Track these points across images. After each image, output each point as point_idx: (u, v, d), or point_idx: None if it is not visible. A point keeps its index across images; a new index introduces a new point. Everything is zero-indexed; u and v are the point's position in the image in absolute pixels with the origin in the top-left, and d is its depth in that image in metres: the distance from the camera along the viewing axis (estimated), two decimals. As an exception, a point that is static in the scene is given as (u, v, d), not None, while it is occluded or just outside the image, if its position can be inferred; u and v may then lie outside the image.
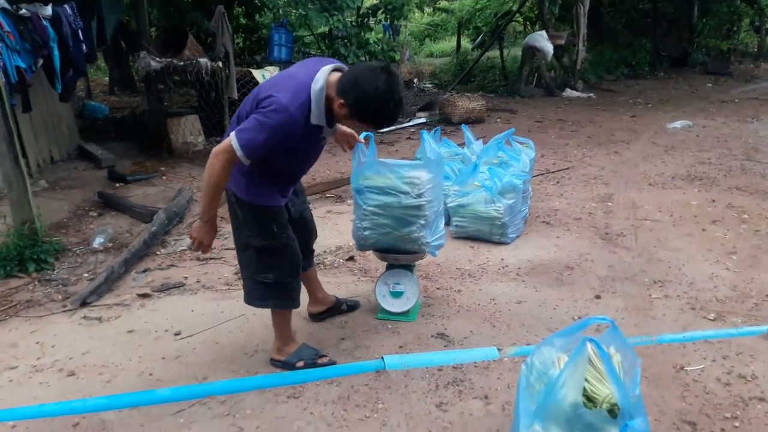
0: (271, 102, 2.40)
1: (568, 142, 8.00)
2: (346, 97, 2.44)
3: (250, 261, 2.85)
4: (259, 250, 2.79)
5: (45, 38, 5.53)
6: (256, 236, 2.77)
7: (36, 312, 3.66)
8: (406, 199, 3.16)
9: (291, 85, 2.47)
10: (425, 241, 3.24)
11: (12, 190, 4.27)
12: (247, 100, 2.60)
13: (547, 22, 13.54)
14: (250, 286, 2.91)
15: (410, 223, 3.20)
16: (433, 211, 3.25)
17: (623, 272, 3.98)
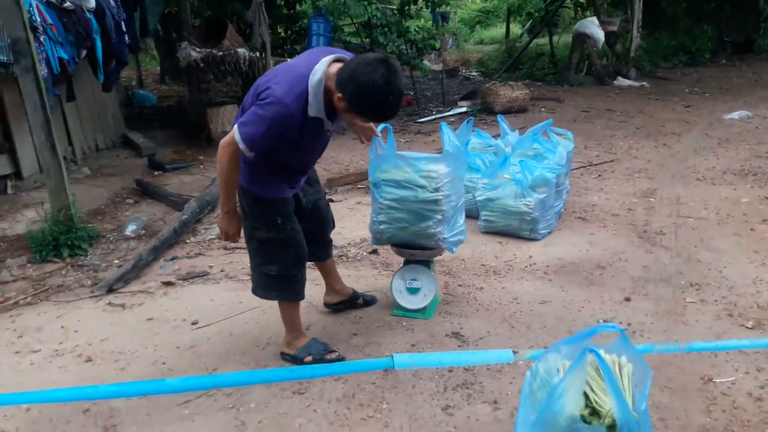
0: (267, 95, 2.37)
1: (615, 134, 7.70)
2: (343, 91, 2.38)
3: (255, 252, 2.84)
4: (263, 242, 2.77)
5: (88, 30, 5.69)
6: (261, 228, 2.75)
7: (65, 297, 3.76)
8: (423, 193, 3.08)
9: (288, 77, 2.42)
10: (442, 237, 3.15)
11: (49, 177, 4.40)
12: (250, 91, 2.57)
13: (599, 7, 13.05)
14: (256, 277, 2.91)
15: (427, 218, 3.12)
16: (451, 206, 3.15)
17: (658, 273, 3.79)
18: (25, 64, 4.13)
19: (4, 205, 5.26)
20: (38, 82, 4.18)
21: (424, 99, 10.70)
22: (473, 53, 19.77)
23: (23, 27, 4.07)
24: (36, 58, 4.17)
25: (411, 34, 8.40)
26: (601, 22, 12.17)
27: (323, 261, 3.30)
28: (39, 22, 4.74)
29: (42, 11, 4.84)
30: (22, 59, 4.12)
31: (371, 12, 7.71)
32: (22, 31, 4.08)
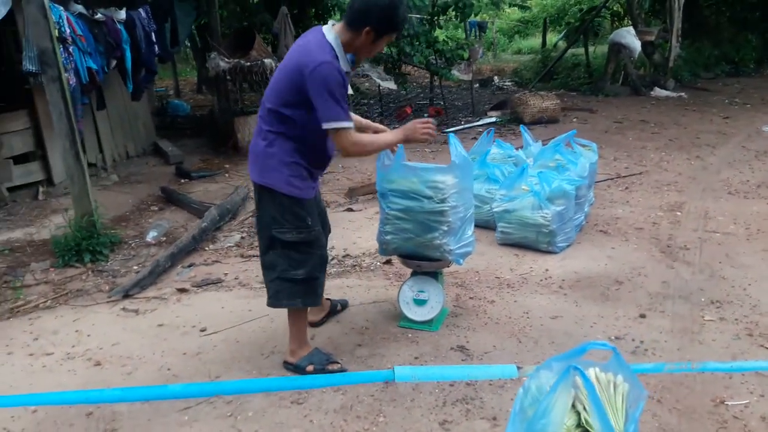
0: (312, 69, 2.47)
1: (646, 145, 7.51)
2: (368, 22, 2.55)
3: (277, 260, 2.80)
4: (291, 246, 2.76)
5: (118, 40, 5.85)
6: (291, 230, 2.74)
7: (83, 301, 3.85)
8: (429, 203, 3.05)
9: (309, 48, 2.56)
10: (448, 248, 3.11)
11: (73, 184, 4.52)
12: (276, 88, 2.64)
13: (636, 17, 12.81)
14: (276, 287, 2.85)
15: (433, 229, 3.08)
16: (458, 218, 3.10)
17: (678, 289, 3.66)
18: (52, 74, 4.27)
19: (34, 211, 5.43)
20: (63, 91, 4.31)
21: (453, 109, 10.65)
22: (509, 63, 19.64)
23: (50, 38, 4.20)
24: (62, 69, 4.30)
25: (439, 44, 8.37)
26: (638, 32, 11.94)
27: None
28: (68, 33, 4.88)
29: (72, 22, 4.99)
30: (48, 69, 4.26)
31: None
32: (49, 42, 4.21)
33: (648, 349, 3.00)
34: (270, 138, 2.67)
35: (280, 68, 2.69)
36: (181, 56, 17.07)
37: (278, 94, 2.63)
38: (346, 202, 5.70)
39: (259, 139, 2.73)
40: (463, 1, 8.42)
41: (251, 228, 5.09)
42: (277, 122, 2.65)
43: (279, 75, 2.68)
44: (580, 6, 17.94)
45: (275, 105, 2.63)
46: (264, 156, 2.70)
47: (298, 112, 2.60)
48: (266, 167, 2.70)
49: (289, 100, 2.59)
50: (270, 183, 2.69)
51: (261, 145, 2.71)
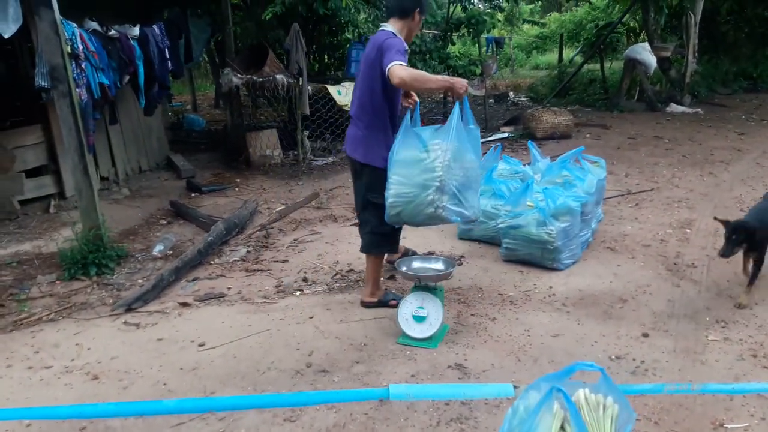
0: (384, 40, 3.23)
1: (659, 161, 7.43)
2: (418, 7, 3.42)
3: (370, 217, 3.58)
4: (378, 207, 3.44)
5: (131, 57, 5.95)
6: (380, 195, 3.39)
7: (86, 314, 3.87)
8: (424, 163, 3.22)
9: (378, 35, 3.34)
10: (441, 205, 3.19)
11: (81, 198, 4.57)
12: (363, 77, 3.42)
13: (652, 33, 12.75)
14: (368, 239, 3.65)
15: (427, 187, 3.20)
16: (453, 177, 3.20)
17: (683, 308, 3.60)
18: (62, 89, 4.33)
19: (44, 224, 5.50)
20: (74, 107, 4.38)
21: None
22: (526, 78, 19.64)
23: (61, 54, 4.28)
24: (72, 85, 4.37)
25: (452, 60, 8.39)
26: (654, 48, 11.87)
27: None
28: (81, 50, 4.98)
29: (85, 39, 5.09)
30: (59, 85, 4.33)
31: (409, 38, 7.76)
32: (60, 58, 4.29)
33: (648, 369, 2.94)
34: (364, 126, 3.49)
35: (363, 64, 3.45)
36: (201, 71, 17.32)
37: (368, 83, 3.38)
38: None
39: (356, 127, 3.56)
40: (476, 18, 8.44)
41: (258, 242, 5.11)
42: (369, 112, 3.46)
43: (363, 69, 3.44)
44: (597, 22, 17.91)
45: (364, 98, 3.44)
46: (366, 139, 3.50)
47: (381, 99, 3.40)
48: (368, 149, 3.49)
49: (371, 82, 3.35)
50: (361, 158, 3.51)
51: (360, 131, 3.53)
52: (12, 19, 4.11)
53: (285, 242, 5.08)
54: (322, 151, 8.02)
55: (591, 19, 20.79)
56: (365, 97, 3.45)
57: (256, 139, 7.46)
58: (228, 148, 8.06)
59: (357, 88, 3.56)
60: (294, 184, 6.82)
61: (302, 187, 6.71)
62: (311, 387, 2.90)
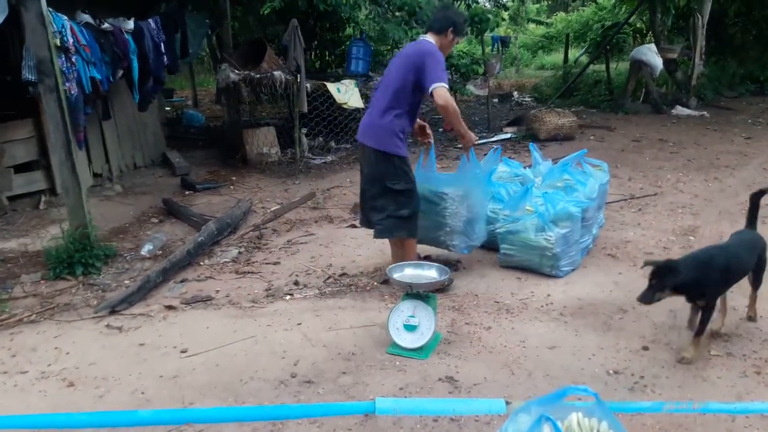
0: (430, 51, 3.62)
1: (663, 165, 7.28)
2: (453, 26, 3.78)
3: (389, 203, 3.76)
4: (397, 192, 3.72)
5: (125, 51, 5.81)
6: (399, 181, 3.72)
7: (68, 316, 3.75)
8: (436, 207, 3.96)
9: (424, 43, 3.72)
10: (453, 243, 4.03)
11: (68, 195, 4.46)
12: (398, 72, 3.71)
13: (658, 34, 12.57)
14: (386, 223, 3.80)
15: (440, 227, 3.99)
16: (461, 221, 3.99)
17: (685, 320, 3.45)
18: (49, 83, 4.22)
19: (33, 221, 5.38)
20: (60, 102, 4.26)
21: (469, 124, 10.47)
22: (531, 78, 19.47)
23: (48, 47, 4.16)
24: (59, 79, 4.25)
25: (454, 59, 8.25)
26: (660, 50, 11.70)
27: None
28: (71, 43, 4.84)
29: (76, 32, 4.95)
30: (45, 79, 4.21)
31: (412, 36, 7.61)
32: (47, 51, 4.17)
33: (647, 386, 2.81)
34: (393, 116, 3.70)
35: (401, 58, 3.79)
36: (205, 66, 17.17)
37: (399, 77, 3.67)
38: (350, 218, 5.57)
39: (380, 116, 3.73)
40: (479, 17, 8.29)
41: (250, 243, 4.99)
42: (402, 104, 3.69)
43: (399, 62, 3.75)
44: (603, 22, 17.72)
45: (396, 86, 3.67)
46: (380, 127, 3.72)
47: (409, 94, 3.68)
48: (382, 136, 3.70)
49: (408, 78, 3.63)
50: (384, 148, 3.69)
51: (378, 119, 3.73)
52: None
53: (278, 243, 4.96)
54: (320, 150, 7.89)
55: (598, 19, 20.58)
56: (400, 91, 3.69)
57: (253, 136, 7.33)
58: (225, 145, 7.94)
59: (389, 80, 3.76)
60: (290, 183, 6.69)
61: (299, 186, 6.58)
62: (294, 399, 2.77)
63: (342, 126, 7.59)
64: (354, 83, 7.26)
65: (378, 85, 4.10)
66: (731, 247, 3.25)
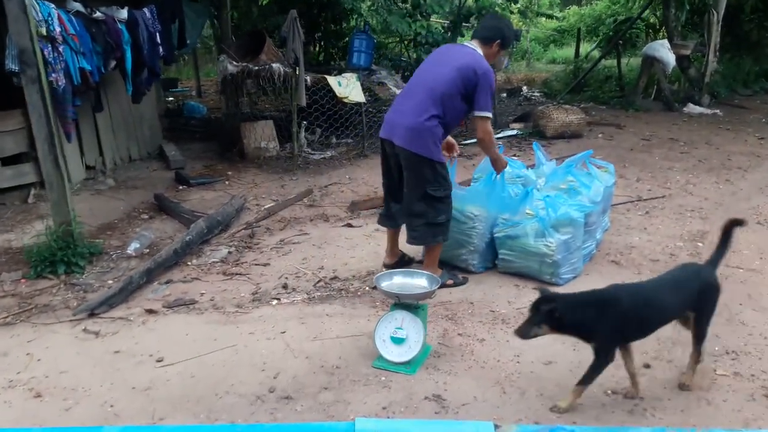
0: (484, 71, 3.53)
1: (674, 166, 7.04)
2: (501, 37, 3.67)
3: (428, 210, 3.66)
4: (437, 199, 3.64)
5: (118, 41, 5.63)
6: (439, 188, 3.64)
7: (46, 318, 3.61)
8: (462, 226, 3.97)
9: (477, 57, 3.61)
10: (473, 263, 4.04)
11: (52, 190, 4.31)
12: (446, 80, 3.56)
13: (672, 30, 12.27)
14: (423, 231, 3.71)
15: (462, 245, 4.01)
16: (483, 241, 4.03)
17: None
18: (31, 74, 4.06)
19: (19, 215, 5.24)
20: (43, 93, 4.10)
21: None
22: (542, 72, 19.16)
23: (29, 36, 3.99)
24: (42, 69, 4.09)
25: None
26: (673, 46, 11.39)
27: (399, 227, 4.06)
28: (59, 32, 4.68)
29: (64, 20, 4.78)
30: (28, 69, 4.05)
31: (416, 29, 7.40)
32: (29, 41, 4.00)
33: (647, 409, 2.63)
34: (437, 121, 3.57)
35: (448, 62, 3.61)
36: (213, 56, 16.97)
37: (450, 85, 3.53)
38: (346, 217, 5.39)
39: (415, 116, 3.57)
40: (486, 9, 8.05)
41: (241, 242, 4.83)
42: (441, 107, 3.55)
43: (447, 67, 3.58)
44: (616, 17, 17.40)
45: (444, 90, 3.54)
46: (424, 131, 3.56)
47: (456, 104, 3.59)
48: (426, 141, 3.56)
49: (456, 91, 3.53)
50: (425, 153, 3.56)
51: (421, 121, 3.55)
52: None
53: (270, 243, 4.79)
54: (320, 145, 7.70)
55: (611, 13, 20.23)
56: (447, 98, 3.55)
57: (251, 130, 7.15)
58: (223, 138, 7.77)
59: (432, 81, 3.61)
60: (288, 179, 6.52)
61: (296, 182, 6.41)
62: (270, 417, 2.61)
63: (343, 121, 7.39)
64: (356, 77, 7.06)
65: (412, 83, 3.85)
66: (649, 286, 2.82)
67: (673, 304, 2.69)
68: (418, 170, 3.61)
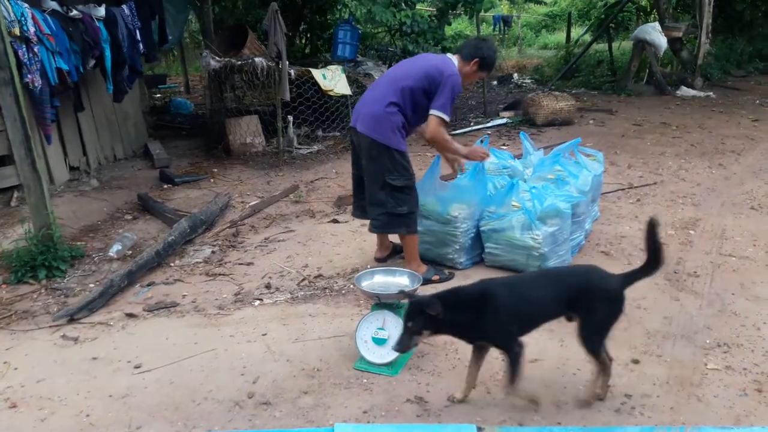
0: (449, 75, 3.54)
1: (666, 151, 6.98)
2: (478, 57, 3.66)
3: (387, 198, 3.64)
4: (397, 189, 3.62)
5: (96, 39, 5.55)
6: (399, 177, 3.61)
7: (25, 325, 3.54)
8: (446, 226, 3.93)
9: (446, 62, 3.65)
10: (459, 260, 4.00)
11: (30, 194, 4.22)
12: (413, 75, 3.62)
13: (663, 12, 12.17)
14: (384, 220, 3.72)
15: (447, 245, 3.97)
16: (469, 237, 3.99)
17: (681, 327, 3.21)
18: (4, 76, 3.95)
19: (0, 219, 5.15)
20: (17, 96, 4.00)
21: (465, 108, 10.18)
22: (533, 58, 19.02)
23: (1, 37, 3.89)
24: (14, 71, 3.99)
25: (446, 41, 7.91)
26: (665, 28, 11.31)
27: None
28: (33, 32, 4.58)
29: (39, 20, 4.69)
30: (0, 72, 3.95)
31: (401, 18, 7.29)
32: (0, 42, 3.90)
33: (636, 407, 2.56)
34: (396, 110, 3.58)
35: (420, 63, 3.71)
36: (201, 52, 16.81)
37: (414, 80, 3.58)
38: (332, 212, 5.32)
39: (377, 105, 3.61)
40: (473, -5, 7.93)
41: (225, 241, 4.76)
42: (402, 99, 3.58)
43: (420, 64, 3.68)
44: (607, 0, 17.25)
45: (409, 84, 3.57)
46: (383, 119, 3.58)
47: (417, 99, 3.59)
48: (384, 129, 3.57)
49: (419, 86, 3.56)
50: (384, 141, 3.57)
51: (381, 110, 3.58)
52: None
53: (254, 241, 4.72)
54: (306, 139, 7.60)
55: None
56: (415, 91, 3.59)
57: (236, 126, 7.06)
58: (208, 135, 7.67)
59: (401, 75, 3.68)
60: (274, 175, 6.43)
61: (282, 178, 6.33)
62: (248, 424, 2.55)
63: (329, 114, 7.30)
64: (341, 69, 6.96)
65: (383, 76, 3.96)
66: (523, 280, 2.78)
67: (548, 301, 2.53)
68: (377, 157, 3.61)
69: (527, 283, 2.69)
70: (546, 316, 2.61)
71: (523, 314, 2.50)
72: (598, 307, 2.48)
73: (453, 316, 2.40)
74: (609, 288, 2.52)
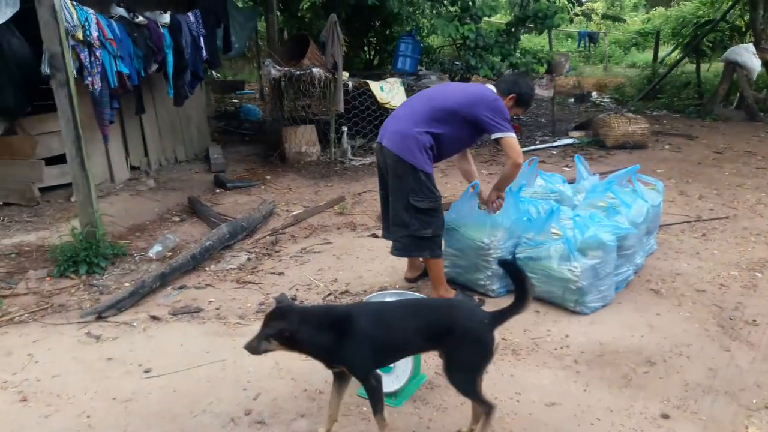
0: (493, 100, 3.47)
1: (745, 183, 6.45)
2: (514, 91, 3.58)
3: (411, 220, 3.53)
4: (423, 211, 3.51)
5: (160, 45, 5.72)
6: (424, 199, 3.49)
7: (57, 318, 3.64)
8: (481, 250, 3.75)
9: (489, 90, 3.57)
10: (492, 288, 3.82)
11: (78, 192, 4.39)
12: (451, 98, 3.52)
13: (759, 33, 11.34)
14: (406, 242, 3.59)
15: (480, 270, 3.79)
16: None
17: (726, 382, 2.89)
18: (60, 78, 4.13)
19: (59, 213, 5.38)
20: (71, 97, 4.17)
21: (534, 126, 9.87)
22: (618, 77, 18.31)
23: (59, 41, 4.06)
24: (71, 74, 4.16)
25: (513, 57, 7.68)
26: (759, 50, 10.55)
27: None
28: (96, 37, 4.77)
29: (102, 26, 4.88)
30: (57, 74, 4.13)
31: (464, 32, 7.13)
32: (58, 46, 4.08)
33: (656, 471, 2.30)
34: (429, 135, 3.46)
35: (457, 89, 3.62)
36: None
37: (452, 103, 3.48)
38: (374, 226, 5.23)
39: (406, 124, 3.49)
40: (543, 12, 7.67)
41: (263, 248, 4.76)
42: (434, 121, 3.46)
43: (454, 91, 3.57)
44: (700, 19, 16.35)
45: (445, 107, 3.47)
46: (410, 138, 3.45)
47: (452, 124, 3.48)
48: (411, 148, 3.44)
49: (457, 110, 3.45)
50: (413, 161, 3.44)
51: (410, 129, 3.46)
52: (6, 3, 3.91)
53: (291, 251, 4.69)
54: (361, 150, 7.56)
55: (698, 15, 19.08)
56: (440, 110, 3.47)
57: (292, 134, 7.12)
58: (267, 142, 7.78)
59: (437, 97, 3.57)
60: (323, 185, 6.42)
61: (331, 188, 6.30)
62: (238, 443, 2.48)
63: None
64: (400, 82, 6.89)
65: (417, 95, 3.84)
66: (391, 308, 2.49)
67: (410, 334, 2.31)
68: (402, 176, 3.49)
69: (393, 312, 2.43)
70: (408, 349, 2.42)
71: (382, 344, 2.29)
72: (462, 346, 2.28)
73: (311, 333, 2.22)
74: (474, 326, 2.31)
